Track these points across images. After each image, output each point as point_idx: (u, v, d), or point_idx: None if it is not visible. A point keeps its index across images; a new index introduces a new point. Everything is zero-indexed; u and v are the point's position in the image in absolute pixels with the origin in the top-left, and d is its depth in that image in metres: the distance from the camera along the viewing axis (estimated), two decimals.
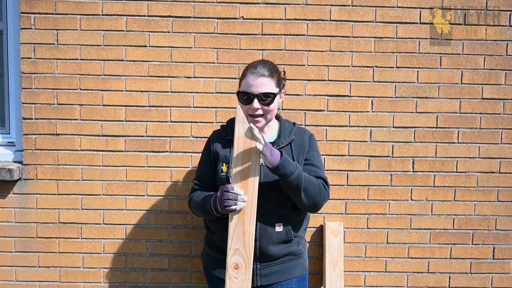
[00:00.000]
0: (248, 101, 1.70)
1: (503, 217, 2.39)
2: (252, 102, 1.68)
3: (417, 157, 2.35)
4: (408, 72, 2.31)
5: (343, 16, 2.27)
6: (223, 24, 2.27)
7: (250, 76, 1.70)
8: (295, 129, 1.83)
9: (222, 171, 1.74)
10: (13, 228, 2.35)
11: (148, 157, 2.32)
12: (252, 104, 1.68)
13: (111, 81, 2.29)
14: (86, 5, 2.25)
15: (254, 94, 1.68)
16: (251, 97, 1.69)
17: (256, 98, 1.68)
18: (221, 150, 1.78)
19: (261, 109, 1.70)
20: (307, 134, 1.84)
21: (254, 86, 1.68)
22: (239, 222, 1.63)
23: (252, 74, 1.70)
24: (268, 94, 1.69)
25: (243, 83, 1.72)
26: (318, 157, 1.83)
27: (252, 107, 1.69)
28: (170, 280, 2.38)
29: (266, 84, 1.70)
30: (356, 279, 2.39)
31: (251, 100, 1.69)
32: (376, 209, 2.36)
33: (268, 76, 1.71)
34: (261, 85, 1.69)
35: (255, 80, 1.69)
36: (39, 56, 2.27)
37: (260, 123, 1.72)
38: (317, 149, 1.84)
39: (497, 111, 2.34)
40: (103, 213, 2.34)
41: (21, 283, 2.37)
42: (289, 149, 1.76)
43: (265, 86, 1.69)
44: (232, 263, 1.63)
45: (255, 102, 1.68)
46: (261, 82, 1.69)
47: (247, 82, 1.70)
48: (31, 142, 2.30)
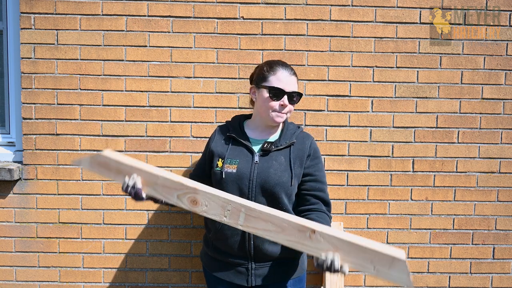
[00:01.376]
0: (279, 97, 1.70)
1: (503, 217, 2.39)
2: (282, 98, 1.70)
3: (417, 157, 2.35)
4: (408, 72, 2.31)
5: (343, 16, 2.28)
6: (223, 24, 2.27)
7: (283, 72, 1.72)
8: (298, 132, 1.81)
9: (217, 165, 1.74)
10: (13, 228, 2.35)
11: (148, 157, 2.32)
12: (283, 100, 1.70)
13: (111, 81, 2.29)
14: (86, 5, 2.25)
15: (286, 91, 1.70)
16: (283, 94, 1.70)
17: (287, 95, 1.70)
18: (219, 145, 1.79)
19: (288, 107, 1.72)
20: (309, 140, 1.80)
21: (288, 83, 1.71)
22: None
23: (285, 71, 1.72)
24: (298, 94, 1.74)
25: (273, 79, 1.71)
26: (323, 170, 1.81)
27: (282, 104, 1.70)
28: (170, 280, 2.38)
29: (296, 84, 1.75)
30: (356, 279, 2.40)
31: (282, 97, 1.70)
32: (376, 209, 2.36)
33: (296, 76, 1.76)
34: (293, 84, 1.72)
35: (289, 77, 1.72)
36: (39, 56, 2.27)
37: (283, 119, 1.75)
38: (321, 159, 1.81)
39: (497, 111, 2.34)
40: (103, 213, 2.34)
41: (21, 283, 2.37)
42: (287, 152, 1.75)
43: (296, 85, 1.74)
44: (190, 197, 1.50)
45: (285, 98, 1.70)
46: (293, 80, 1.73)
47: (279, 78, 1.71)
48: (31, 142, 2.30)
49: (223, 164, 1.73)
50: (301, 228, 1.42)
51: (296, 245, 1.44)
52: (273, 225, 1.44)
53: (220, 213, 1.50)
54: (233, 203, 1.48)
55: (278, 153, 1.73)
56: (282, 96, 1.70)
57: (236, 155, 1.74)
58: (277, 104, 1.70)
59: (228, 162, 1.72)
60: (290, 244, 1.44)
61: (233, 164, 1.71)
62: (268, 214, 1.45)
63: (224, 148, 1.77)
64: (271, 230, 1.45)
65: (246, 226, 1.48)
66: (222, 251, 1.75)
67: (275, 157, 1.72)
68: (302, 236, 1.41)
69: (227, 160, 1.72)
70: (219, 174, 1.72)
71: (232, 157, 1.73)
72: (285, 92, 1.70)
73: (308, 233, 1.41)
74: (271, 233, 1.45)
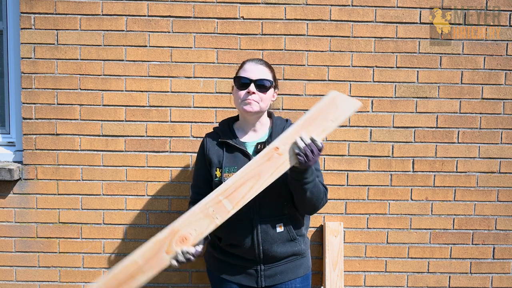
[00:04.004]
0: (244, 85, 1.70)
1: (503, 217, 2.39)
2: (249, 86, 1.69)
3: (417, 157, 2.35)
4: (408, 72, 2.31)
5: (343, 16, 2.28)
6: (223, 24, 2.27)
7: (249, 64, 1.74)
8: (287, 126, 1.79)
9: (216, 176, 1.73)
10: (13, 228, 2.35)
11: (148, 157, 2.32)
12: (249, 88, 1.69)
13: (111, 81, 2.29)
14: (86, 5, 2.25)
15: (251, 79, 1.70)
16: (248, 82, 1.70)
17: (253, 83, 1.70)
18: (214, 155, 1.77)
19: (257, 94, 1.70)
20: None
21: (252, 71, 1.71)
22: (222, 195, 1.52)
23: (251, 62, 1.74)
24: (265, 81, 1.71)
25: (240, 71, 1.74)
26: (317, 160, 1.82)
27: (248, 91, 1.69)
28: (170, 280, 2.38)
29: (264, 72, 1.73)
30: (356, 279, 2.40)
31: (248, 85, 1.70)
32: (376, 209, 2.36)
33: (266, 66, 1.75)
34: (259, 72, 1.71)
35: (253, 66, 1.72)
36: (39, 56, 2.27)
37: (254, 106, 1.70)
38: None
39: (497, 111, 2.34)
40: (103, 213, 2.34)
41: (21, 283, 2.37)
42: None
43: (263, 73, 1.72)
44: None
45: (252, 86, 1.69)
46: (259, 69, 1.72)
47: (245, 69, 1.73)
48: (31, 142, 2.30)
49: (221, 173, 1.71)
50: (268, 155, 1.51)
51: (281, 171, 1.51)
52: (250, 180, 1.50)
53: (210, 222, 1.50)
54: (210, 202, 1.50)
55: None
56: (248, 85, 1.69)
57: (233, 162, 1.72)
58: (244, 93, 1.70)
59: (226, 171, 1.70)
60: (277, 175, 1.51)
61: (231, 172, 1.68)
62: (238, 177, 1.50)
63: (219, 156, 1.75)
64: (253, 185, 1.50)
65: (236, 205, 1.50)
66: (230, 253, 1.75)
67: None
68: (275, 159, 1.51)
69: (225, 169, 1.70)
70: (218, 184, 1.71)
71: (229, 164, 1.71)
72: (251, 80, 1.69)
73: (275, 153, 1.51)
74: (256, 186, 1.50)
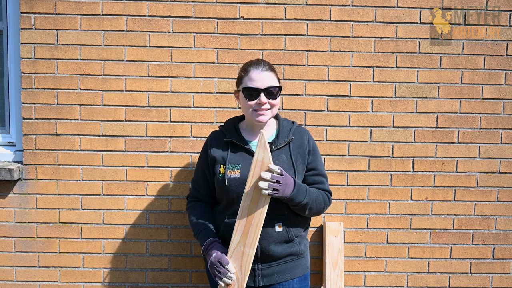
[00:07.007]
0: (254, 96, 1.69)
1: (503, 217, 2.39)
2: (259, 96, 1.68)
3: (417, 157, 2.35)
4: (408, 72, 2.31)
5: (343, 16, 2.27)
6: (223, 24, 2.27)
7: (254, 71, 1.71)
8: (293, 128, 1.81)
9: (220, 172, 1.74)
10: (13, 228, 2.35)
11: (148, 157, 2.32)
12: (260, 99, 1.68)
13: (111, 81, 2.29)
14: (86, 5, 2.25)
15: (260, 88, 1.68)
16: (258, 92, 1.68)
17: (262, 92, 1.68)
18: (218, 152, 1.78)
19: (267, 103, 1.70)
20: (306, 135, 1.83)
21: (260, 81, 1.69)
22: (241, 242, 1.63)
23: (256, 69, 1.71)
24: (274, 88, 1.70)
25: (246, 80, 1.72)
26: (322, 161, 1.86)
27: (259, 102, 1.68)
28: (170, 280, 2.38)
29: (271, 78, 1.71)
30: (356, 279, 2.39)
31: (258, 95, 1.68)
32: (376, 209, 2.36)
33: (271, 71, 1.73)
34: (266, 79, 1.70)
35: (260, 74, 1.70)
36: (39, 56, 2.27)
37: (267, 116, 1.72)
38: (319, 152, 1.86)
39: (497, 111, 2.34)
40: (103, 213, 2.34)
41: (21, 283, 2.37)
42: (287, 150, 1.75)
43: (271, 80, 1.71)
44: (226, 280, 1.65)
45: (262, 96, 1.68)
46: (266, 76, 1.70)
47: (251, 77, 1.70)
48: (31, 142, 2.30)
49: (225, 170, 1.72)
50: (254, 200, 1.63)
51: (265, 209, 1.62)
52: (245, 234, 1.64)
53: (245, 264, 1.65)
54: None
55: (279, 152, 1.74)
56: (258, 95, 1.69)
57: (237, 160, 1.73)
58: (254, 103, 1.70)
59: (230, 168, 1.71)
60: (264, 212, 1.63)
61: (235, 169, 1.70)
62: None
63: (224, 153, 1.76)
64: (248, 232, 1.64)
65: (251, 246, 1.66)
66: None
67: (276, 157, 1.72)
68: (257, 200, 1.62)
69: (229, 166, 1.72)
70: (221, 181, 1.72)
71: (233, 162, 1.73)
72: (260, 89, 1.68)
73: None
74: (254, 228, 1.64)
